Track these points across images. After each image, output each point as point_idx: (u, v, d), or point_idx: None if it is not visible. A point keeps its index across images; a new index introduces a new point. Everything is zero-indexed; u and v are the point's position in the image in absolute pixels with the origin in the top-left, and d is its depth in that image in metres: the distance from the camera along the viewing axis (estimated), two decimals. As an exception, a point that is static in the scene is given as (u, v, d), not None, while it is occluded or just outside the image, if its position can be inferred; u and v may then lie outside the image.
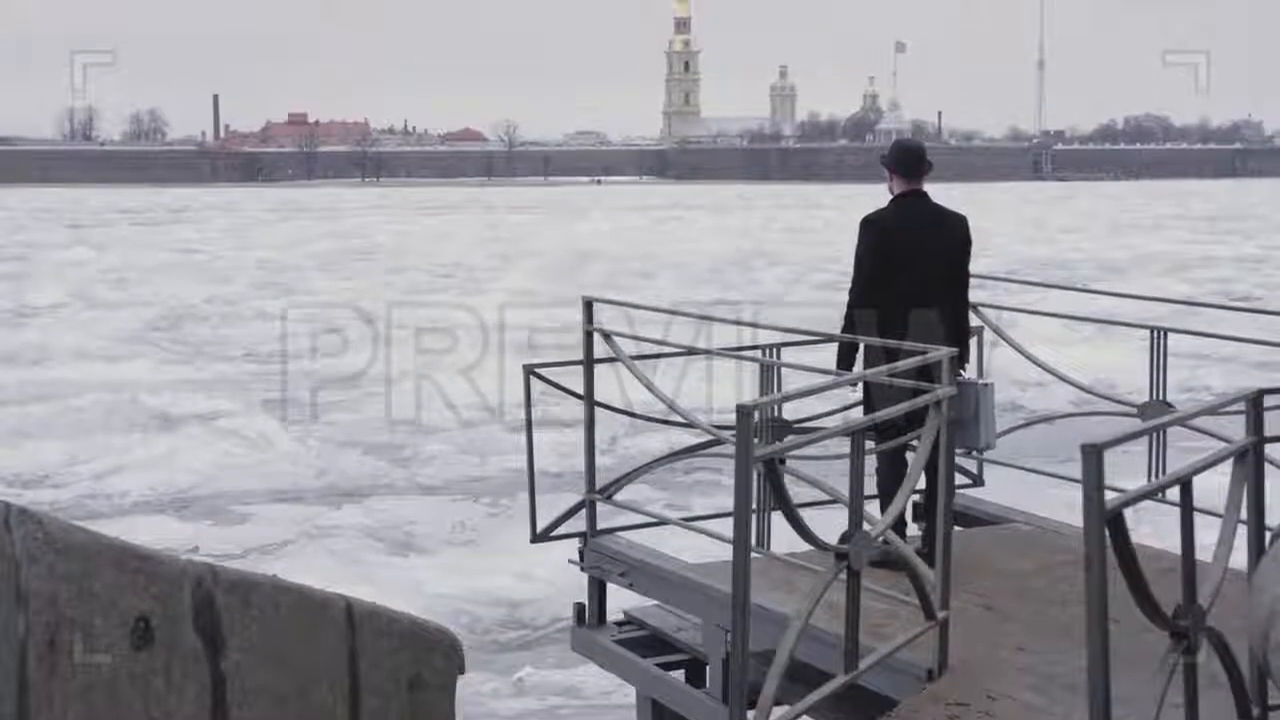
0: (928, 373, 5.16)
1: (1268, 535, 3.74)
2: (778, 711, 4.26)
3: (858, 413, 6.53)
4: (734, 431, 3.98)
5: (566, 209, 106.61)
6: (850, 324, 6.74)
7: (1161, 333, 7.40)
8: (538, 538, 7.36)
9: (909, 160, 6.85)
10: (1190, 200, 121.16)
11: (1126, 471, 5.50)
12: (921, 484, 5.98)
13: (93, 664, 2.39)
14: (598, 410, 7.04)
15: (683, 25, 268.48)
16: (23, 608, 2.27)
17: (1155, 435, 7.03)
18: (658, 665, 6.98)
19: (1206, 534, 3.48)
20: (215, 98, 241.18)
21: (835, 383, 5.38)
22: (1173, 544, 3.54)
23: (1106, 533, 2.92)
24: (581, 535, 7.29)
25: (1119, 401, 7.72)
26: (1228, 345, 12.72)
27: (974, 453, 7.48)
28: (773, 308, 27.35)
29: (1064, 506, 6.88)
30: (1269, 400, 3.88)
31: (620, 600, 7.46)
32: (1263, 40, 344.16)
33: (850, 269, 6.83)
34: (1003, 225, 67.84)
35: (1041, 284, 15.16)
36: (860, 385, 6.28)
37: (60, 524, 2.36)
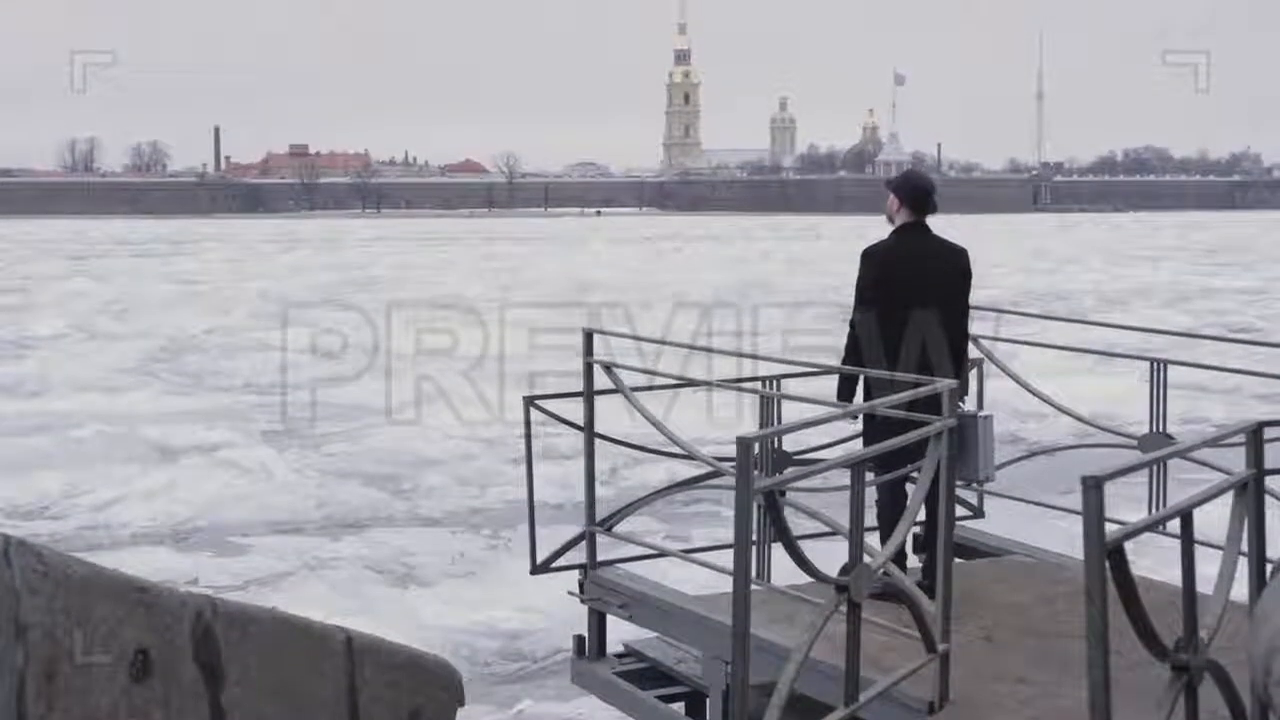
0: (928, 404, 5.16)
1: (1269, 567, 3.74)
2: (778, 744, 4.25)
3: (858, 444, 6.53)
4: (734, 463, 3.98)
5: (567, 240, 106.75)
6: (851, 353, 6.75)
7: (1161, 364, 7.41)
8: (538, 569, 7.35)
9: (919, 195, 6.86)
10: (1190, 232, 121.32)
11: (1127, 503, 5.51)
12: (922, 516, 5.98)
13: (91, 696, 2.38)
14: (598, 441, 7.04)
15: (683, 57, 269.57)
16: (21, 640, 2.26)
17: (1155, 467, 7.02)
18: (658, 698, 6.96)
19: (1207, 566, 3.47)
20: (216, 129, 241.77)
21: (836, 415, 5.38)
22: (1173, 576, 3.53)
23: (1107, 565, 2.92)
24: (581, 567, 7.28)
25: (1119, 433, 7.72)
26: (1228, 377, 12.73)
27: (974, 485, 7.48)
28: (773, 338, 27.36)
29: (1064, 538, 6.87)
30: (1269, 432, 3.88)
31: (620, 632, 7.45)
32: (1261, 73, 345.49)
33: (851, 300, 6.85)
34: (1003, 256, 67.94)
35: (1041, 315, 15.17)
36: (860, 415, 6.29)
37: (59, 556, 2.36)
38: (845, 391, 6.68)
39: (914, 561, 6.78)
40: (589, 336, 6.96)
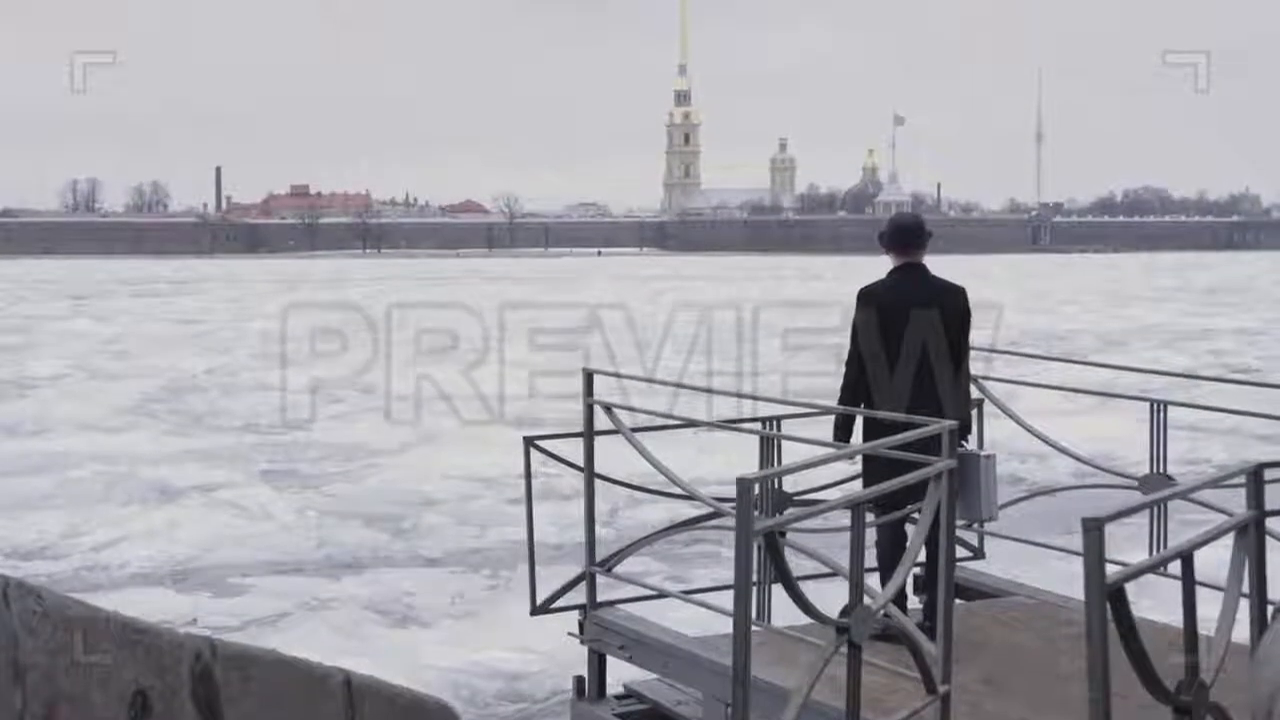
0: (929, 443, 5.16)
1: (1270, 609, 3.73)
2: (779, 787, 4.23)
3: (858, 484, 6.53)
4: (734, 504, 3.98)
5: (567, 280, 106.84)
6: (848, 394, 6.76)
7: (1161, 405, 7.41)
8: (537, 610, 7.34)
9: (904, 236, 6.89)
10: (1189, 272, 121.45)
11: (1127, 544, 5.50)
12: (922, 556, 5.97)
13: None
14: (598, 481, 7.04)
15: (683, 98, 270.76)
16: (20, 682, 2.25)
17: (1156, 508, 7.02)
18: (658, 739, 6.94)
19: (1208, 607, 3.46)
20: (218, 169, 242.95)
21: (836, 455, 5.38)
22: (1175, 617, 3.52)
23: (1108, 607, 2.92)
24: (581, 608, 7.27)
25: (1119, 474, 7.72)
26: (1228, 417, 12.71)
27: (975, 525, 7.47)
28: (771, 378, 27.35)
29: (1065, 579, 6.86)
30: (1270, 474, 3.88)
31: (620, 673, 7.42)
32: (1260, 114, 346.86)
33: (849, 340, 6.86)
34: (1002, 297, 67.94)
35: (1041, 356, 15.19)
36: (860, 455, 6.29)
37: (58, 597, 2.35)
38: (842, 432, 6.69)
39: (914, 602, 6.77)
40: (589, 377, 6.97)
